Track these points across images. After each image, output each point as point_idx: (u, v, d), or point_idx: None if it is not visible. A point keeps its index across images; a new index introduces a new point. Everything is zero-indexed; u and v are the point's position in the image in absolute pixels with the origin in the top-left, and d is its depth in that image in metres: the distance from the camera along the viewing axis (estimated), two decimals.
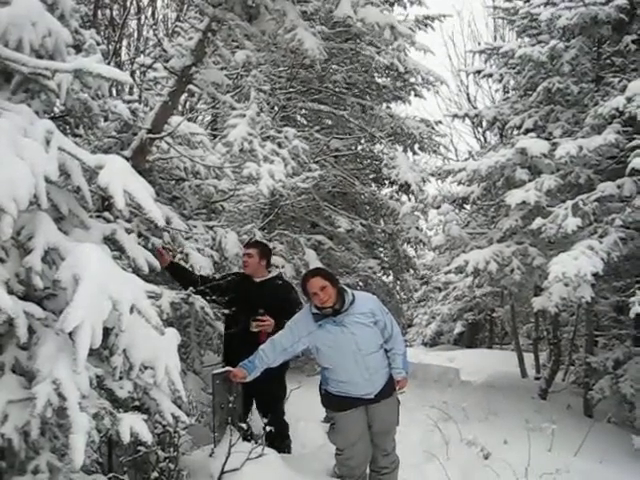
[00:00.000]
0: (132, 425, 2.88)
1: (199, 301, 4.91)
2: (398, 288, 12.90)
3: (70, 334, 2.48)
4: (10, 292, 2.59)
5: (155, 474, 4.09)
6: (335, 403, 4.74)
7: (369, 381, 4.61)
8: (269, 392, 5.26)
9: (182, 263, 5.33)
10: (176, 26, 7.04)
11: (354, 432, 4.69)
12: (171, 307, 4.50)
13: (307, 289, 4.54)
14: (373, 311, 4.60)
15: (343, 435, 4.74)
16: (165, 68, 5.24)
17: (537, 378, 11.41)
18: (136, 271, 3.38)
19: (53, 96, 3.34)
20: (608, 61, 8.51)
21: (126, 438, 2.84)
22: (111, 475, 3.54)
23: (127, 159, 4.02)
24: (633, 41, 7.84)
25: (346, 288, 4.64)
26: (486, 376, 11.89)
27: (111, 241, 3.39)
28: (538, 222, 6.80)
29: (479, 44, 12.39)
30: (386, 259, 12.15)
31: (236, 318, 5.16)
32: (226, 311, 5.23)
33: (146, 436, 2.90)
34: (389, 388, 4.76)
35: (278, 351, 4.66)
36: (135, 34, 10.93)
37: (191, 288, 4.89)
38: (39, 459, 2.71)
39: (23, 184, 2.48)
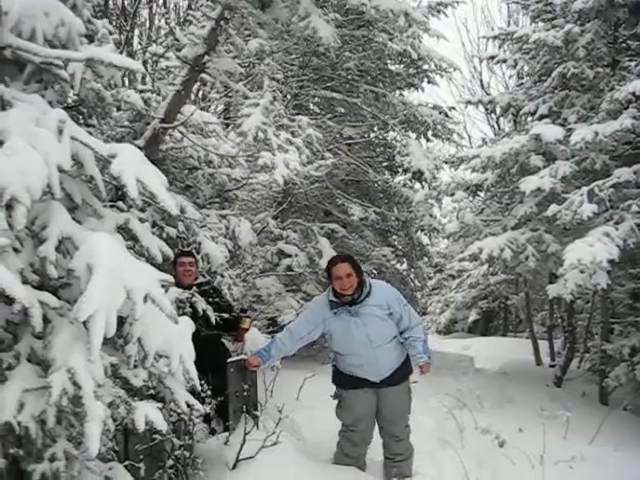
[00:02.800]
0: (147, 413, 2.90)
1: (202, 303, 4.88)
2: (412, 276, 12.87)
3: (84, 323, 2.49)
4: (25, 282, 2.60)
5: (170, 462, 4.11)
6: (344, 381, 4.86)
7: (377, 370, 4.74)
8: None
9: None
10: (188, 14, 7.03)
11: (359, 410, 4.83)
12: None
13: (333, 271, 4.60)
14: (389, 302, 4.65)
15: (349, 412, 4.87)
16: (177, 57, 5.24)
17: (552, 366, 11.36)
18: (150, 260, 3.39)
19: (66, 86, 3.34)
20: (624, 45, 8.41)
21: (141, 426, 2.85)
22: (127, 463, 3.56)
23: (140, 148, 4.03)
24: None
25: (366, 279, 4.69)
26: (501, 364, 11.85)
27: (125, 230, 3.39)
28: (553, 209, 6.74)
29: (492, 30, 12.27)
30: (400, 247, 12.12)
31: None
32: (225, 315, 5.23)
33: (161, 424, 2.92)
34: (399, 376, 4.82)
35: (296, 339, 4.76)
36: (147, 23, 10.92)
37: (195, 289, 4.87)
38: (56, 447, 2.73)
39: (36, 174, 2.48)
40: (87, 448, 2.53)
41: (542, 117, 8.36)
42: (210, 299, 5.06)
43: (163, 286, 2.89)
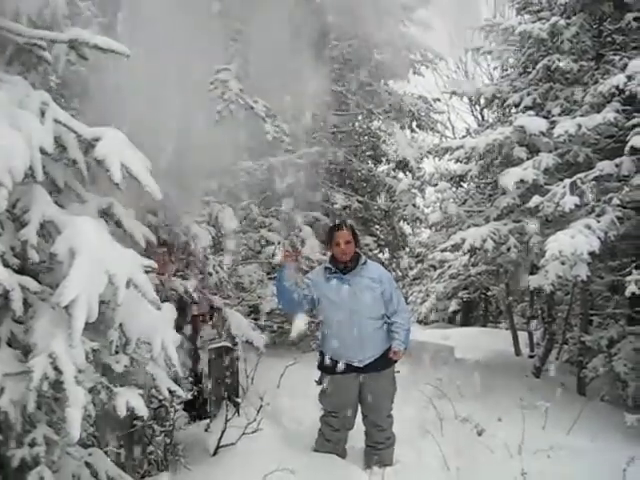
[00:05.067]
0: (128, 399, 2.89)
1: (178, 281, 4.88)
2: (394, 265, 12.90)
3: (66, 308, 2.46)
4: (6, 265, 2.57)
5: (151, 448, 4.11)
6: (328, 366, 4.91)
7: (360, 345, 4.78)
8: None
9: None
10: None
11: (342, 396, 4.90)
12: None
13: (334, 236, 4.81)
14: (382, 279, 4.81)
15: (331, 397, 4.94)
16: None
17: (531, 356, 11.46)
18: (133, 246, 3.36)
19: (50, 68, 3.29)
20: (609, 39, 8.42)
21: (122, 412, 2.84)
22: (107, 449, 3.54)
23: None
24: (635, 18, 7.75)
25: (362, 254, 4.90)
26: (480, 354, 11.93)
27: (108, 215, 3.36)
28: (535, 200, 6.78)
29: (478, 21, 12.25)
30: (382, 236, 12.13)
31: None
32: None
33: (142, 410, 2.92)
34: (383, 362, 4.86)
35: (291, 282, 4.69)
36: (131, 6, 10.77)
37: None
38: (36, 432, 2.72)
39: (18, 156, 2.45)
40: (68, 433, 2.51)
41: (526, 109, 8.37)
42: None
43: (146, 272, 2.86)
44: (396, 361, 4.96)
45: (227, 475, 4.06)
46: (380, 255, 12.43)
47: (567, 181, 6.61)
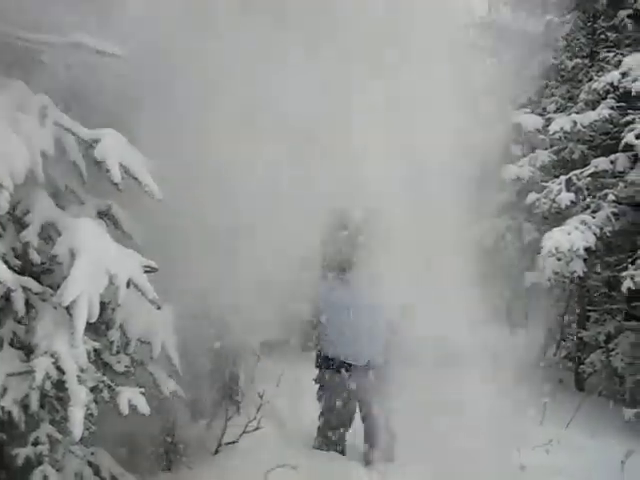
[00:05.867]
0: (130, 398, 2.91)
1: None
2: None
3: (67, 308, 2.50)
4: (7, 266, 2.59)
5: (153, 448, 4.13)
6: (326, 363, 4.95)
7: (357, 340, 4.78)
8: None
9: None
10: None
11: (339, 394, 4.89)
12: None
13: None
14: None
15: (329, 395, 4.95)
16: None
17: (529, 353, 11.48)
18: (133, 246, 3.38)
19: (50, 71, 3.32)
20: (603, 36, 8.46)
21: (125, 410, 2.87)
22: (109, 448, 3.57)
23: None
24: (628, 16, 7.80)
25: None
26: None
27: (107, 216, 3.39)
28: (532, 197, 6.83)
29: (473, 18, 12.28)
30: None
31: None
32: None
33: (144, 409, 2.94)
34: (380, 360, 4.90)
35: None
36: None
37: None
38: (39, 431, 2.75)
39: (19, 159, 2.48)
40: (71, 432, 2.54)
41: (522, 106, 8.42)
42: None
43: (146, 272, 2.89)
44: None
45: (229, 472, 4.08)
46: None
47: (563, 178, 6.66)
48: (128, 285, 2.73)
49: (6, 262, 2.63)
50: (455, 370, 8.73)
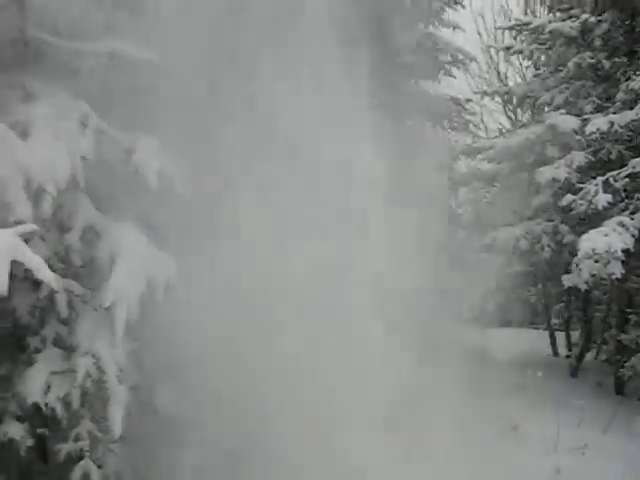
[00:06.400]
0: (168, 397, 3.00)
1: None
2: None
3: (108, 309, 2.58)
4: (51, 269, 2.69)
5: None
6: None
7: None
8: None
9: None
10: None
11: None
12: None
13: None
14: None
15: None
16: None
17: (568, 357, 11.32)
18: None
19: (89, 78, 3.42)
20: None
21: (164, 410, 2.96)
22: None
23: None
24: None
25: None
26: (517, 354, 11.83)
27: (145, 221, 3.47)
28: (568, 198, 6.76)
29: (510, 20, 12.25)
30: None
31: None
32: None
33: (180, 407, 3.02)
34: None
35: None
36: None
37: None
38: (80, 428, 2.84)
39: (61, 165, 2.58)
40: (111, 430, 2.63)
41: (558, 107, 8.33)
42: None
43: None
44: None
45: None
46: None
47: (600, 179, 6.58)
48: (165, 288, 2.81)
49: (50, 265, 2.73)
50: (489, 371, 8.68)
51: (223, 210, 3.63)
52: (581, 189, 6.71)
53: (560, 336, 12.44)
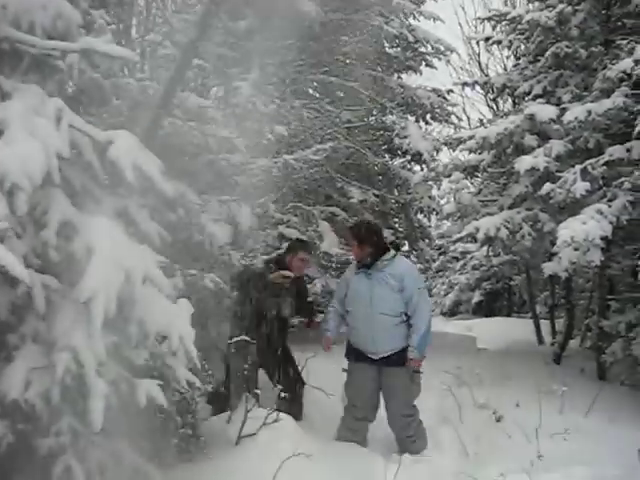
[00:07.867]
0: (148, 390, 3.01)
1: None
2: (415, 257, 12.91)
3: (85, 304, 2.60)
4: (28, 266, 2.71)
5: (175, 440, 4.23)
6: (352, 354, 5.21)
7: (372, 338, 4.91)
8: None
9: None
10: (183, 2, 7.10)
11: (360, 385, 5.13)
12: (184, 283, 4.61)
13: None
14: (403, 277, 4.94)
15: (353, 385, 5.20)
16: (172, 43, 5.32)
17: (553, 344, 11.45)
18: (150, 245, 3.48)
19: (64, 76, 3.44)
20: (618, 23, 8.40)
21: (142, 403, 2.97)
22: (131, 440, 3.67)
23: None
24: None
25: (391, 249, 5.15)
26: (502, 343, 11.95)
27: (123, 215, 3.49)
28: (547, 187, 6.82)
29: (489, 11, 12.29)
30: (400, 229, 12.17)
31: None
32: None
33: (161, 400, 3.04)
34: (397, 358, 4.96)
35: (338, 299, 5.34)
36: (144, 12, 10.93)
37: None
38: (61, 422, 2.86)
39: (36, 161, 2.59)
40: (90, 423, 2.65)
41: (537, 97, 8.39)
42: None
43: (161, 267, 2.99)
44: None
45: (247, 463, 4.18)
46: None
47: (578, 167, 6.64)
48: (144, 281, 2.83)
49: (27, 261, 2.75)
50: (475, 360, 8.77)
51: None
52: (560, 178, 6.77)
53: (545, 324, 12.58)
